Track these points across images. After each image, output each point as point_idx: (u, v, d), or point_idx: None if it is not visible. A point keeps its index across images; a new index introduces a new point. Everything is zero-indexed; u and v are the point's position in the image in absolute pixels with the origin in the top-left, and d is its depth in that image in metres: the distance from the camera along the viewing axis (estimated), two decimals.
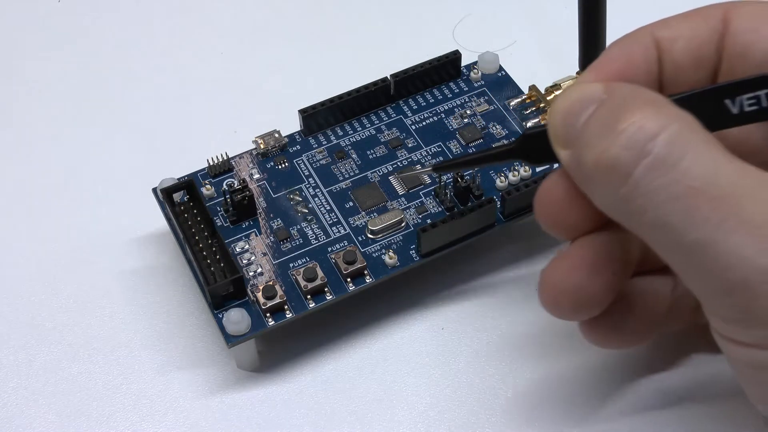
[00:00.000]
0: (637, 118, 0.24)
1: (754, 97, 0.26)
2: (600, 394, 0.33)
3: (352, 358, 0.35)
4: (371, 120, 0.39)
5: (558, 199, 0.27)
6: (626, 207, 0.24)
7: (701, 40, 0.28)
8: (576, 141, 0.26)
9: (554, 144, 0.27)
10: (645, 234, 0.25)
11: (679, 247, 0.24)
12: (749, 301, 0.23)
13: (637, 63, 0.28)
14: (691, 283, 0.24)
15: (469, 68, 0.40)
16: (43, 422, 0.33)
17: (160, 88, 0.44)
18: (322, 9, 0.48)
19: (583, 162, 0.25)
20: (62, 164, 0.41)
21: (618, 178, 0.24)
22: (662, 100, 0.25)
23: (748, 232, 0.22)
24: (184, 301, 0.36)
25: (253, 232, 0.35)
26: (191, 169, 0.37)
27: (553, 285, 0.28)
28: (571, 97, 0.26)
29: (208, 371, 0.34)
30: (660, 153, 0.23)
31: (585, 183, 0.26)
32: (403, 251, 0.35)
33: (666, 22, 0.29)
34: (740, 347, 0.24)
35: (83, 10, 0.48)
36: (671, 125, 0.24)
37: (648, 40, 0.28)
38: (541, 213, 0.28)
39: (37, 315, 0.36)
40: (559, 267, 0.28)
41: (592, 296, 0.27)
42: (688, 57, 0.28)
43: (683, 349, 0.34)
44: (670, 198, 0.23)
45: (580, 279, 0.27)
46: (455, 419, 0.33)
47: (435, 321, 0.35)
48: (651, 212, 0.24)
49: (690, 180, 0.23)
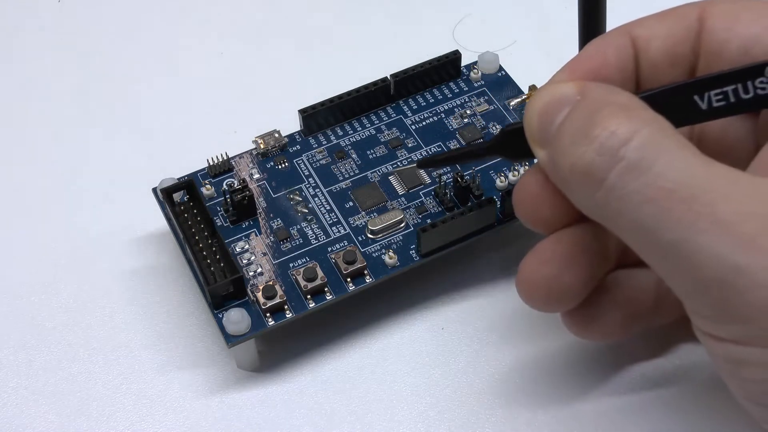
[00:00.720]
0: (610, 123, 0.24)
1: (721, 93, 0.27)
2: (601, 394, 0.33)
3: (352, 358, 0.35)
4: (371, 120, 0.39)
5: (535, 194, 0.28)
6: (602, 210, 0.25)
7: (677, 39, 0.28)
8: (551, 143, 0.26)
9: (531, 142, 0.27)
10: (622, 235, 0.25)
11: (655, 248, 0.24)
12: (725, 299, 0.23)
13: (612, 61, 0.29)
14: (669, 281, 0.25)
15: (469, 68, 0.40)
16: (43, 422, 0.33)
17: (160, 88, 0.44)
18: (322, 9, 0.48)
19: (559, 165, 0.26)
20: (62, 164, 0.41)
21: (593, 182, 0.25)
22: (635, 104, 0.25)
23: (721, 230, 0.23)
24: (184, 301, 0.36)
25: (253, 232, 0.35)
26: (191, 169, 0.37)
27: (527, 276, 0.28)
28: (546, 97, 0.27)
29: (208, 371, 0.34)
30: (632, 158, 0.24)
31: (561, 184, 0.27)
32: (403, 251, 0.35)
33: (642, 21, 0.29)
34: (719, 343, 0.25)
35: (83, 10, 0.48)
36: (642, 130, 0.24)
37: (624, 39, 0.29)
38: (519, 207, 0.29)
39: (37, 315, 0.36)
40: (533, 259, 0.28)
41: (565, 288, 0.28)
42: (664, 55, 0.29)
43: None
44: (643, 201, 0.24)
45: (552, 271, 0.28)
46: (455, 419, 0.33)
47: (435, 321, 0.35)
48: (626, 215, 0.24)
49: (663, 182, 0.23)
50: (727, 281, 0.23)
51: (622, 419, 0.32)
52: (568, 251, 0.28)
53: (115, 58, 0.46)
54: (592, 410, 0.33)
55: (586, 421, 0.32)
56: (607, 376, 0.34)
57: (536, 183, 0.28)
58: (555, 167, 0.26)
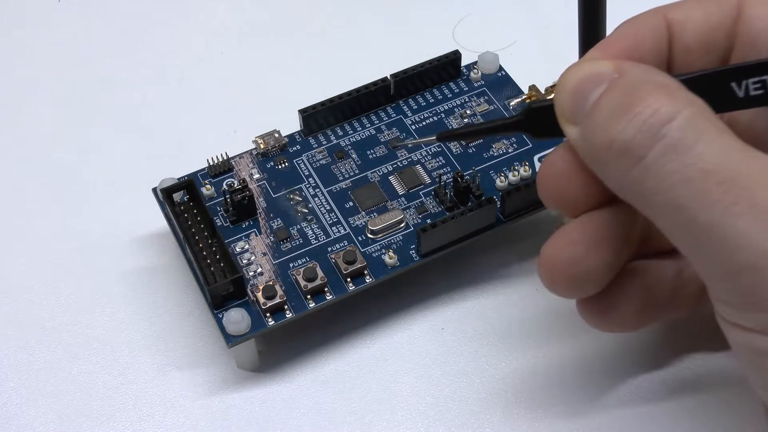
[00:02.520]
0: (652, 101, 0.24)
1: (759, 81, 0.26)
2: (601, 394, 0.33)
3: (352, 358, 0.35)
4: (371, 120, 0.39)
5: (562, 174, 0.27)
6: (637, 188, 0.25)
7: (713, 25, 0.28)
8: (585, 119, 0.26)
9: (561, 120, 0.27)
10: (654, 214, 0.25)
11: (688, 229, 0.24)
12: (755, 285, 0.23)
13: (646, 43, 0.28)
14: (698, 265, 0.24)
15: (469, 68, 0.40)
16: (43, 422, 0.33)
17: (160, 87, 0.44)
18: (322, 9, 0.48)
19: (594, 141, 0.25)
20: (62, 164, 0.41)
21: (630, 159, 0.24)
22: (675, 84, 0.25)
23: (757, 215, 0.23)
24: (184, 301, 0.36)
25: (253, 232, 0.35)
26: (191, 169, 0.37)
27: (550, 258, 0.28)
28: (580, 73, 0.26)
29: (208, 371, 0.34)
30: (674, 136, 0.24)
31: (594, 161, 0.26)
32: (403, 251, 0.35)
33: (679, 5, 0.29)
34: (744, 332, 0.24)
35: (83, 10, 0.48)
36: (685, 110, 0.24)
37: (659, 21, 0.28)
38: (544, 187, 0.28)
39: (37, 315, 0.36)
40: (559, 240, 0.28)
41: (589, 272, 0.27)
42: (699, 40, 0.28)
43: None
44: (681, 181, 0.23)
45: (577, 253, 0.27)
46: (455, 419, 0.33)
47: (435, 321, 0.35)
48: (662, 194, 0.24)
49: (702, 164, 0.23)
50: (759, 267, 0.23)
51: (622, 419, 0.32)
52: (596, 234, 0.27)
53: (115, 58, 0.46)
54: (592, 409, 0.33)
55: (586, 420, 0.32)
56: (606, 376, 0.34)
57: (564, 162, 0.27)
58: (587, 144, 0.26)
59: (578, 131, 0.26)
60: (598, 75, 0.26)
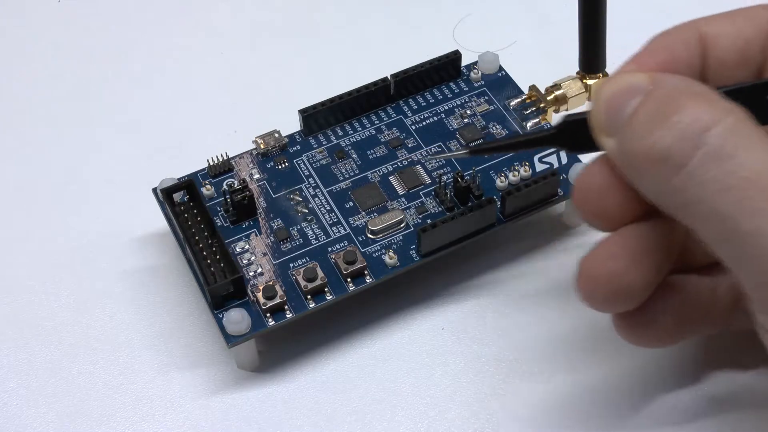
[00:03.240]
0: (691, 109, 0.24)
1: None
2: (601, 394, 0.33)
3: (352, 358, 0.35)
4: (371, 120, 0.39)
5: (599, 187, 0.27)
6: (678, 197, 0.24)
7: (747, 39, 0.28)
8: (623, 130, 0.26)
9: (597, 132, 0.27)
10: (695, 223, 0.25)
11: (731, 237, 0.24)
12: None
13: (680, 56, 0.28)
14: (741, 275, 0.24)
15: (469, 68, 0.40)
16: (43, 422, 0.33)
17: (160, 87, 0.44)
18: (322, 9, 0.48)
19: (632, 151, 0.25)
20: (62, 164, 0.41)
21: (671, 168, 0.24)
22: (712, 93, 0.25)
23: None
24: (184, 301, 0.36)
25: (253, 232, 0.35)
26: (191, 169, 0.37)
27: (589, 272, 0.27)
28: (616, 86, 0.26)
29: (208, 371, 0.34)
30: (715, 144, 0.24)
31: (632, 172, 0.26)
32: (403, 251, 0.35)
33: (710, 20, 0.29)
34: None
35: (83, 10, 0.48)
36: (725, 118, 0.24)
37: (692, 35, 0.28)
38: (583, 201, 0.28)
39: (37, 315, 0.36)
40: (599, 254, 0.27)
41: (629, 287, 0.27)
42: (734, 55, 0.28)
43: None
44: (723, 188, 0.23)
45: (619, 267, 0.27)
46: (455, 419, 0.33)
47: (435, 321, 0.35)
48: (704, 203, 0.24)
49: (744, 171, 0.23)
50: None
51: (622, 418, 0.32)
52: (636, 247, 0.27)
53: (115, 58, 0.46)
54: (592, 409, 0.33)
55: (586, 420, 0.32)
56: (606, 376, 0.34)
57: (602, 175, 0.27)
58: (626, 154, 0.26)
59: (615, 142, 0.26)
60: (634, 87, 0.26)
